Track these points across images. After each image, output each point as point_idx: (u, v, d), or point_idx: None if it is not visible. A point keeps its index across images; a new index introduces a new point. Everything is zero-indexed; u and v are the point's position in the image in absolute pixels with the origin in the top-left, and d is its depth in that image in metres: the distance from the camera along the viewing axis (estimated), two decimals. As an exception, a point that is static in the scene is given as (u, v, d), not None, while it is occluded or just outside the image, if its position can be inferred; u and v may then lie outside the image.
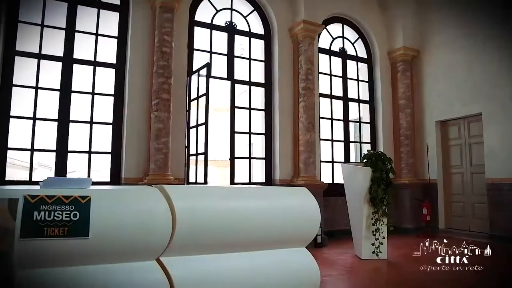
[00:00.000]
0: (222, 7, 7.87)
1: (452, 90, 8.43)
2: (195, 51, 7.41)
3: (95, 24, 6.60)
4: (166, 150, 6.30)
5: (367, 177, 5.73)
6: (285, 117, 7.98)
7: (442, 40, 8.77)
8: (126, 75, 6.62)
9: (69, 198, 1.95)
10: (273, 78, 8.15)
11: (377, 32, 9.43)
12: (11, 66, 5.85)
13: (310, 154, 7.68)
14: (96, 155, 6.53)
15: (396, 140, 9.20)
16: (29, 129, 5.91)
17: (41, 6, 6.20)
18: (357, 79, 9.44)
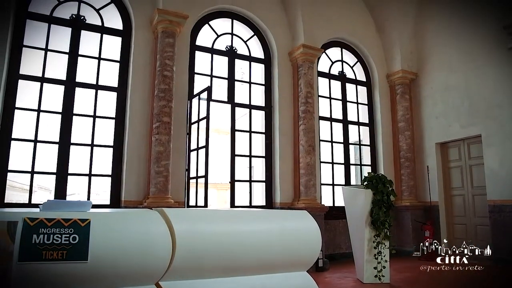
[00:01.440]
0: (222, 32, 8.01)
1: (450, 112, 8.50)
2: (196, 75, 7.50)
3: (97, 48, 6.71)
4: (166, 173, 6.30)
5: (368, 199, 5.71)
6: (285, 140, 8.01)
7: (439, 63, 8.89)
8: (128, 99, 6.68)
9: (68, 221, 1.94)
10: (273, 101, 8.22)
11: (375, 56, 9.57)
12: (14, 89, 5.92)
13: (311, 176, 7.67)
14: (96, 177, 6.52)
15: (396, 162, 9.20)
16: (30, 151, 5.92)
17: (46, 31, 6.33)
18: (356, 102, 9.51)
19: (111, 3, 6.93)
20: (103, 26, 6.83)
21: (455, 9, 8.56)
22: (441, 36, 8.87)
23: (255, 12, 8.16)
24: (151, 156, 6.38)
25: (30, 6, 6.25)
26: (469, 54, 8.14)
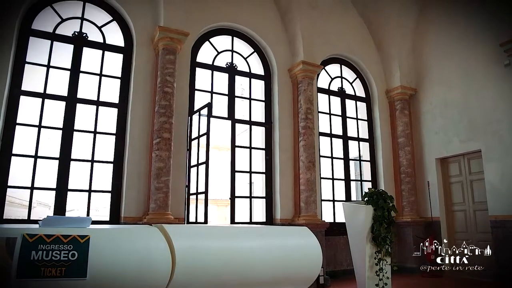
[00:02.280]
0: (223, 48, 8.10)
1: (450, 127, 8.52)
2: (196, 91, 7.55)
3: (99, 65, 6.77)
4: (166, 189, 6.28)
5: (368, 215, 5.67)
6: (285, 156, 8.01)
7: (438, 78, 8.95)
8: (128, 115, 6.70)
9: (68, 237, 1.93)
10: (273, 117, 8.25)
11: (374, 72, 9.64)
12: (16, 105, 5.96)
13: (311, 192, 7.64)
14: (96, 193, 6.50)
15: (396, 178, 9.18)
16: (30, 167, 5.92)
17: (48, 47, 6.40)
18: (356, 117, 9.54)
19: (113, 21, 7.03)
20: (104, 43, 6.91)
21: (453, 26, 8.66)
22: (440, 52, 8.96)
23: (255, 30, 8.26)
24: (151, 172, 6.38)
25: (34, 24, 6.34)
26: (467, 70, 8.21)
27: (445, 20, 8.88)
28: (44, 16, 6.47)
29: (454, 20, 8.65)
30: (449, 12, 8.78)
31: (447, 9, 8.83)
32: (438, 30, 9.03)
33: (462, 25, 8.44)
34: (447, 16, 8.84)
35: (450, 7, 8.76)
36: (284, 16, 8.53)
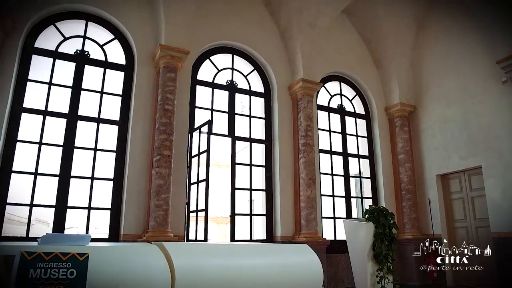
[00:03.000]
0: (223, 66, 8.18)
1: (449, 144, 8.54)
2: (197, 109, 7.60)
3: (100, 83, 6.83)
4: (166, 207, 6.26)
5: (370, 233, 5.63)
6: (285, 173, 8.00)
7: (436, 95, 9.02)
8: (129, 132, 6.73)
9: (66, 255, 1.92)
10: (273, 134, 8.27)
11: (373, 89, 9.71)
12: (17, 122, 5.99)
13: (311, 210, 7.61)
14: (95, 211, 6.46)
15: (397, 194, 9.15)
16: (29, 184, 5.91)
17: (51, 65, 6.47)
18: (356, 134, 9.57)
19: (115, 39, 7.12)
20: (106, 61, 6.98)
21: (450, 44, 8.78)
22: (438, 69, 9.05)
23: (255, 48, 8.35)
24: (151, 189, 6.36)
25: (37, 42, 6.43)
26: (466, 87, 8.28)
27: (442, 37, 8.99)
28: (47, 35, 6.57)
29: (452, 38, 8.77)
30: (447, 30, 8.90)
31: (445, 27, 8.95)
32: (436, 47, 9.14)
33: (460, 42, 8.55)
34: (444, 34, 8.95)
35: (448, 25, 8.88)
36: (283, 35, 8.64)
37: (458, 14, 8.53)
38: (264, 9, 8.69)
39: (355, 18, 9.63)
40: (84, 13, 6.88)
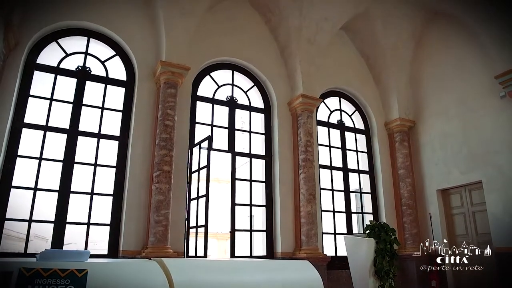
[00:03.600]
0: (223, 82, 8.24)
1: (449, 159, 8.54)
2: (197, 124, 7.62)
3: (101, 98, 6.87)
4: (166, 222, 6.22)
5: (371, 248, 5.60)
6: (285, 189, 7.97)
7: (436, 110, 9.06)
8: (129, 147, 6.74)
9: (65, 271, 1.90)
10: (273, 150, 8.28)
11: (373, 105, 9.75)
12: (18, 138, 6.00)
13: (312, 225, 7.56)
14: (95, 226, 6.42)
15: (398, 210, 9.10)
16: (29, 199, 5.89)
17: (52, 81, 6.53)
18: (356, 150, 9.57)
19: (116, 55, 7.19)
20: (107, 77, 7.04)
21: (448, 59, 8.86)
22: (436, 84, 9.12)
23: (255, 64, 8.43)
24: (151, 205, 6.34)
25: (39, 58, 6.50)
26: (465, 102, 8.34)
27: (440, 53, 9.09)
28: (49, 51, 6.65)
29: (449, 53, 8.86)
30: (444, 46, 8.99)
31: (442, 43, 9.05)
32: (434, 63, 9.23)
33: (457, 58, 8.64)
34: (442, 50, 9.05)
35: (445, 41, 8.98)
36: (283, 51, 8.73)
37: (456, 30, 8.64)
38: (264, 26, 8.80)
39: (354, 35, 9.73)
40: (86, 30, 6.97)
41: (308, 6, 8.18)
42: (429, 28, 9.38)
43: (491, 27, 7.46)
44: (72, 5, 6.74)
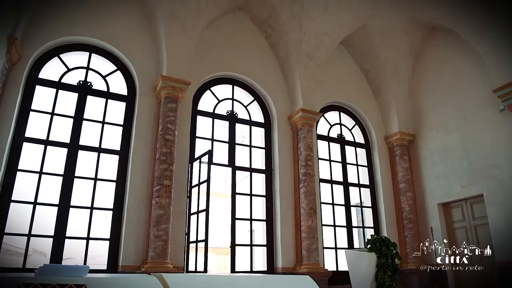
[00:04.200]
0: (224, 97, 8.28)
1: (450, 172, 8.52)
2: (197, 139, 7.64)
3: (102, 113, 6.91)
4: (166, 237, 6.19)
5: (372, 263, 5.56)
6: (286, 203, 7.95)
7: (435, 124, 9.08)
8: (129, 161, 6.74)
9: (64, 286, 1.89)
10: (274, 164, 8.28)
11: (372, 119, 9.79)
12: (19, 152, 6.01)
13: (313, 240, 7.51)
14: (94, 241, 6.38)
15: (399, 224, 9.04)
16: (28, 214, 5.86)
17: (53, 95, 6.57)
18: (356, 163, 9.57)
19: (117, 70, 7.25)
20: (108, 91, 7.09)
21: (447, 73, 8.93)
22: (436, 98, 9.17)
23: (255, 79, 8.49)
24: (150, 220, 6.31)
25: (41, 73, 6.56)
26: (464, 116, 8.36)
27: (439, 67, 9.16)
28: (51, 66, 6.72)
29: (448, 67, 8.93)
30: (443, 60, 9.07)
31: (441, 57, 9.13)
32: (433, 77, 9.30)
33: (456, 72, 8.70)
34: (441, 64, 9.12)
35: (443, 55, 9.06)
36: (283, 66, 8.80)
37: (453, 45, 8.71)
38: (264, 41, 8.89)
39: (353, 49, 9.83)
40: (88, 45, 7.04)
41: (308, 21, 8.28)
42: (427, 43, 9.48)
43: (488, 41, 7.53)
44: (74, 20, 6.83)
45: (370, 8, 8.60)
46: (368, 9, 8.63)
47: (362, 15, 8.75)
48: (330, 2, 8.20)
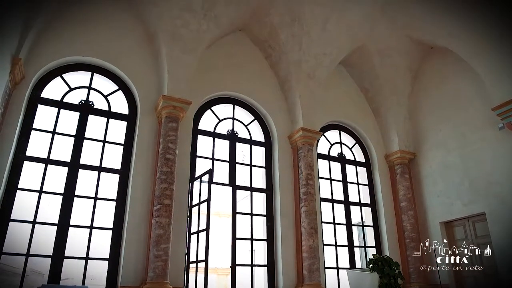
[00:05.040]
0: (224, 116, 8.34)
1: (451, 191, 8.48)
2: (198, 158, 7.65)
3: (103, 132, 6.95)
4: (165, 257, 6.12)
5: (374, 283, 5.50)
6: (287, 223, 7.89)
7: (435, 142, 9.10)
8: (130, 181, 6.73)
9: (63, 305, 1.87)
10: (274, 183, 8.26)
11: (373, 137, 9.81)
12: (19, 170, 6.02)
13: (314, 260, 7.42)
14: (93, 261, 6.30)
15: (401, 243, 8.94)
16: (27, 233, 5.81)
17: (55, 115, 6.62)
18: (357, 182, 9.54)
19: (119, 90, 7.32)
20: (110, 111, 7.15)
21: (446, 91, 8.99)
22: (435, 116, 9.21)
23: (256, 98, 8.57)
24: (150, 239, 6.26)
25: (43, 92, 6.63)
26: (464, 134, 8.39)
27: (437, 86, 9.24)
28: (53, 85, 6.80)
29: (446, 86, 9.02)
30: (441, 79, 9.16)
31: (439, 77, 9.22)
32: (432, 95, 9.37)
33: (454, 90, 8.78)
34: (439, 83, 9.21)
35: (442, 75, 9.16)
36: (283, 86, 8.89)
37: (451, 64, 8.82)
38: (264, 62, 9.00)
39: (352, 69, 9.95)
40: (90, 65, 7.14)
41: (307, 42, 8.41)
42: (426, 62, 9.60)
43: (485, 60, 7.61)
44: (77, 41, 6.95)
45: (368, 29, 8.75)
46: (366, 30, 8.77)
47: (360, 36, 8.89)
48: (329, 23, 8.33)
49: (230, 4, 7.74)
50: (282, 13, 8.19)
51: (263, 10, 8.24)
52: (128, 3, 7.57)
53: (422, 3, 7.78)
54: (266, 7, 8.17)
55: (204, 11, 7.43)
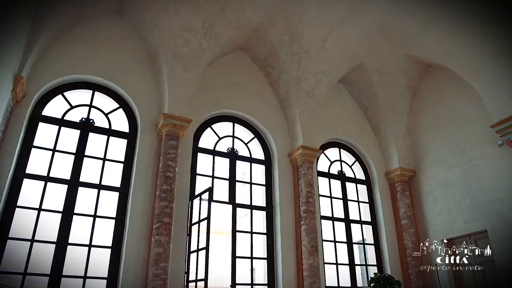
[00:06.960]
0: (224, 134, 8.37)
1: (452, 208, 8.44)
2: (198, 176, 7.64)
3: (103, 150, 6.95)
4: (164, 276, 6.05)
5: (376, 302, 5.41)
6: (287, 241, 7.83)
7: (435, 159, 9.10)
8: (129, 199, 6.71)
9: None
10: (274, 201, 8.23)
11: (372, 155, 9.82)
12: (19, 188, 6.00)
13: (315, 279, 7.34)
14: (91, 280, 6.22)
15: (403, 261, 8.84)
16: (25, 251, 5.75)
17: (56, 132, 6.65)
18: (357, 200, 9.50)
19: (120, 108, 7.36)
20: (110, 129, 7.17)
21: (445, 108, 9.05)
22: (434, 134, 9.24)
23: (255, 116, 8.62)
24: (149, 258, 6.20)
25: (44, 110, 6.66)
26: (464, 151, 8.39)
27: (436, 104, 9.30)
28: (54, 103, 6.84)
29: (445, 104, 9.08)
30: (440, 97, 9.23)
31: (438, 94, 9.30)
32: (431, 112, 9.42)
33: (453, 108, 8.84)
34: (438, 101, 9.28)
35: (440, 93, 9.23)
36: (283, 104, 8.94)
37: (450, 82, 8.89)
38: (264, 80, 9.09)
39: (352, 87, 10.04)
40: (91, 83, 7.21)
41: (307, 60, 8.51)
42: (424, 80, 9.69)
43: (483, 77, 7.66)
44: (79, 59, 7.05)
45: (366, 48, 8.86)
46: (364, 49, 8.89)
47: (359, 55, 9.00)
48: (327, 42, 8.44)
49: (231, 24, 7.86)
50: (281, 32, 8.31)
51: (263, 29, 8.37)
52: (129, 23, 7.71)
53: (419, 23, 7.89)
54: (266, 27, 8.30)
55: (204, 30, 7.54)
